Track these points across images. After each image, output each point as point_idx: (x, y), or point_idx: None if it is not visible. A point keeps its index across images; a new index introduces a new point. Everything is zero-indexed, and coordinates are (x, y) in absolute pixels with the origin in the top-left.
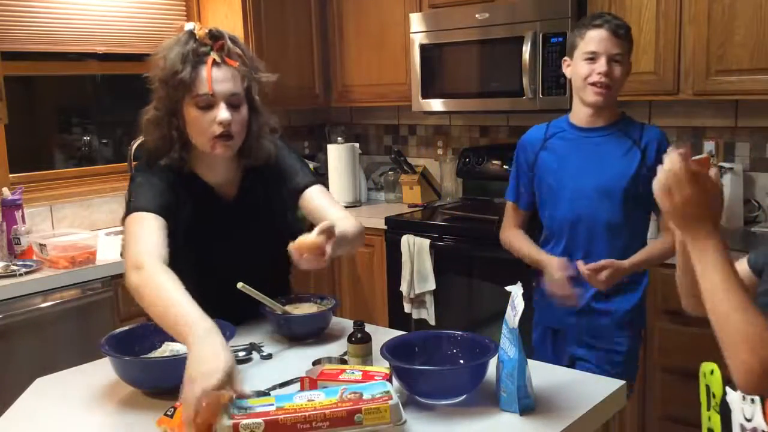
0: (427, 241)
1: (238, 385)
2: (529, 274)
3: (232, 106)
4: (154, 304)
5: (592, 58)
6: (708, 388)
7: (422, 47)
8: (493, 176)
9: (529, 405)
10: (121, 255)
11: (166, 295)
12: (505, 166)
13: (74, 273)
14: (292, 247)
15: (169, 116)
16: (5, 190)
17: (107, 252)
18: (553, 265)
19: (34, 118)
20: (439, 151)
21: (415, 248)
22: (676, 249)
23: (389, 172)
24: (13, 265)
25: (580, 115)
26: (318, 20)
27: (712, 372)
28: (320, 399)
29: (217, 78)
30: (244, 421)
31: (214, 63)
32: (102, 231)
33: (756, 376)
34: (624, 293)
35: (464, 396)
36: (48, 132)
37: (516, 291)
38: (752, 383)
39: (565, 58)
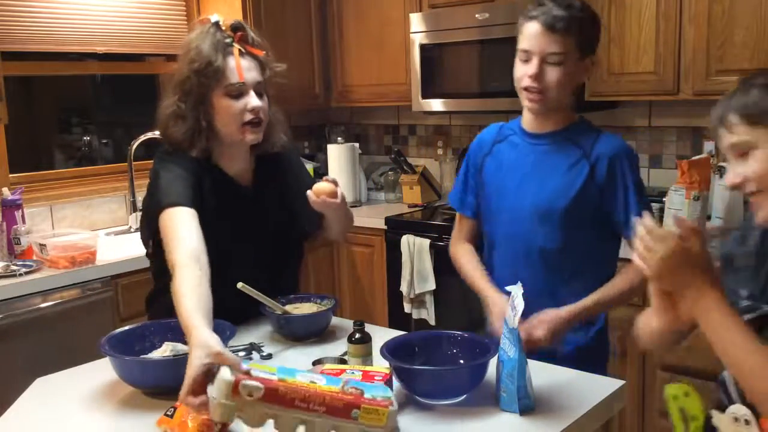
0: (427, 241)
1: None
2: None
3: (258, 93)
4: (179, 305)
5: (526, 59)
6: (683, 411)
7: (422, 47)
8: None
9: (529, 405)
10: (143, 245)
11: (184, 302)
12: None
13: (74, 273)
14: (312, 191)
15: (196, 108)
16: (5, 190)
17: (107, 252)
18: (495, 312)
19: (34, 118)
20: (439, 151)
21: (415, 248)
22: (636, 287)
23: (389, 172)
24: (13, 265)
25: (526, 117)
26: (318, 20)
27: (686, 394)
28: (321, 383)
29: (245, 67)
30: (245, 381)
31: (240, 53)
32: (102, 231)
33: None
34: (578, 328)
35: (464, 396)
36: (48, 132)
37: (516, 291)
38: None
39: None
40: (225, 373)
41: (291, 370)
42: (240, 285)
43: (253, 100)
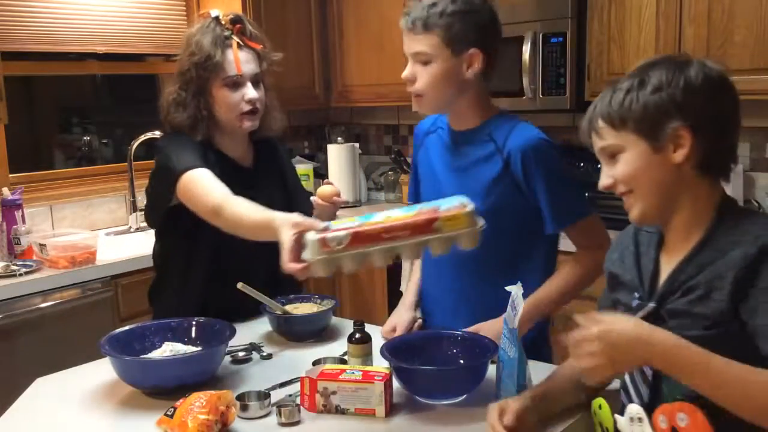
0: None
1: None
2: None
3: (255, 83)
4: (241, 227)
5: (407, 63)
6: (600, 424)
7: None
8: None
9: None
10: (152, 226)
11: (242, 215)
12: None
13: (74, 273)
14: (318, 195)
15: (197, 97)
16: (5, 190)
17: (107, 252)
18: (389, 320)
19: (34, 118)
20: None
21: None
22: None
23: (389, 172)
24: (13, 265)
25: (451, 118)
26: (318, 20)
27: (600, 407)
28: (397, 215)
29: (242, 59)
30: (330, 234)
31: (239, 45)
32: (102, 231)
33: None
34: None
35: (464, 396)
36: (48, 132)
37: (516, 291)
38: None
39: None
40: (310, 235)
41: (366, 215)
42: (240, 285)
43: (249, 91)
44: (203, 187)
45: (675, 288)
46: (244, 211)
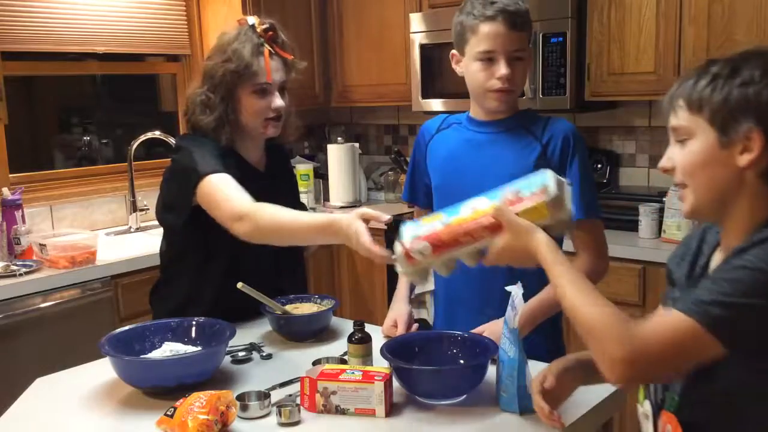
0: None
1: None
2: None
3: (281, 91)
4: (279, 232)
5: (489, 58)
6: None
7: (422, 47)
8: None
9: (529, 405)
10: (168, 227)
11: (283, 220)
12: None
13: (74, 273)
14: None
15: (225, 101)
16: (5, 190)
17: (107, 252)
18: (389, 315)
19: (34, 118)
20: None
21: None
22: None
23: (389, 172)
24: (13, 265)
25: (476, 112)
26: (318, 20)
27: (638, 401)
28: (483, 206)
29: (273, 68)
30: (413, 247)
31: (270, 54)
32: (102, 231)
33: (622, 367)
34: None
35: (464, 396)
36: (48, 132)
37: (516, 291)
38: (620, 375)
39: (454, 52)
40: (397, 248)
41: (453, 209)
42: (240, 285)
43: (277, 99)
44: (227, 192)
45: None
46: (288, 218)
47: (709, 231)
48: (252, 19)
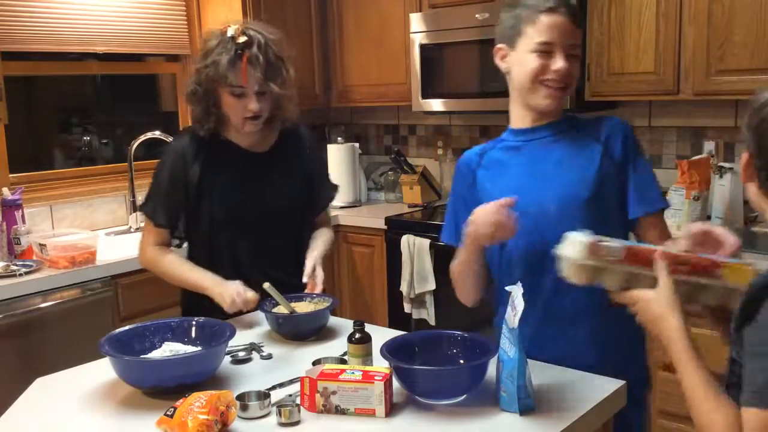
0: (427, 241)
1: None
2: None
3: (261, 93)
4: (170, 275)
5: (548, 51)
6: None
7: (422, 47)
8: None
9: (529, 405)
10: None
11: (177, 270)
12: None
13: (74, 273)
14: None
15: (207, 94)
16: (5, 190)
17: (107, 252)
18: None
19: (34, 118)
20: (439, 151)
21: (415, 248)
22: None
23: (389, 172)
24: (13, 265)
25: (521, 119)
26: (318, 20)
27: None
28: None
29: (249, 74)
30: (605, 243)
31: (248, 61)
32: (102, 231)
33: None
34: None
35: (464, 396)
36: (48, 132)
37: (516, 291)
38: None
39: (500, 46)
40: (577, 236)
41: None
42: (266, 285)
43: (252, 103)
44: (145, 233)
45: None
46: (177, 268)
47: None
48: (231, 31)
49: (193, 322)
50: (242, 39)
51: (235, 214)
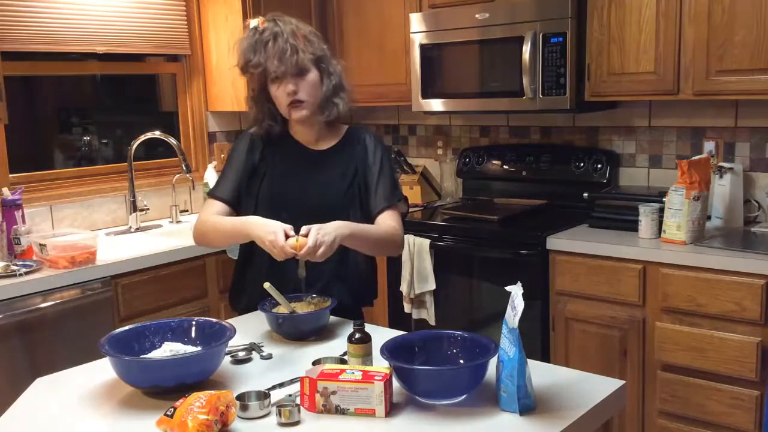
0: (427, 241)
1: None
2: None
3: (299, 75)
4: (214, 228)
5: None
6: None
7: (422, 47)
8: (493, 176)
9: (529, 405)
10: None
11: (221, 221)
12: (505, 166)
13: (74, 273)
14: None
15: (262, 95)
16: (5, 190)
17: (107, 252)
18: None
19: (34, 118)
20: (439, 151)
21: (415, 248)
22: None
23: None
24: (13, 265)
25: None
26: (318, 20)
27: None
28: None
29: (278, 56)
30: None
31: (275, 43)
32: (102, 231)
33: None
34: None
35: (464, 396)
36: (48, 132)
37: (516, 291)
38: None
39: None
40: None
41: None
42: (266, 285)
43: (290, 84)
44: (203, 211)
45: None
46: (215, 221)
47: None
48: (254, 22)
49: (193, 322)
50: (266, 25)
51: (276, 202)
